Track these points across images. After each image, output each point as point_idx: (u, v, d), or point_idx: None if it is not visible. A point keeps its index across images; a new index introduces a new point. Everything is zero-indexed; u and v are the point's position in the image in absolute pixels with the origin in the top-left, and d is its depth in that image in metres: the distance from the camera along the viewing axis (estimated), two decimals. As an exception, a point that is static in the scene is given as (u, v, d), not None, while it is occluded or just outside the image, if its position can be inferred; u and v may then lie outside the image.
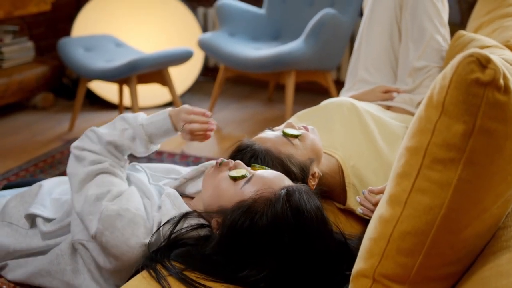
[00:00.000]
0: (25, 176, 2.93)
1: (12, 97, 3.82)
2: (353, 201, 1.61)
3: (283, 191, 1.24)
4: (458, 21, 3.81)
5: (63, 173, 2.99)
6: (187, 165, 3.07)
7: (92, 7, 4.18)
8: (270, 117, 3.98)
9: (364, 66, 2.32)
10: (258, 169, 1.37)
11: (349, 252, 1.29)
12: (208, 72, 4.61)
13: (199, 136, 1.50)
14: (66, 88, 4.34)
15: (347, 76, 2.43)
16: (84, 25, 4.16)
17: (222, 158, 1.39)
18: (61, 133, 3.65)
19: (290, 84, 3.51)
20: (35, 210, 1.52)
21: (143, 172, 1.56)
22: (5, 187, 1.98)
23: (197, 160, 3.18)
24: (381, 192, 1.42)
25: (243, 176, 1.31)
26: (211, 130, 1.49)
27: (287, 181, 1.33)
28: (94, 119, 3.92)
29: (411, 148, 0.99)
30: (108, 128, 1.46)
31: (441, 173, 0.94)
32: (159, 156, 3.25)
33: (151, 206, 1.38)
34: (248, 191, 1.28)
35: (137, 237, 1.29)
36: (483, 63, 0.89)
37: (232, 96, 4.43)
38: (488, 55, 0.90)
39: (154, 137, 1.46)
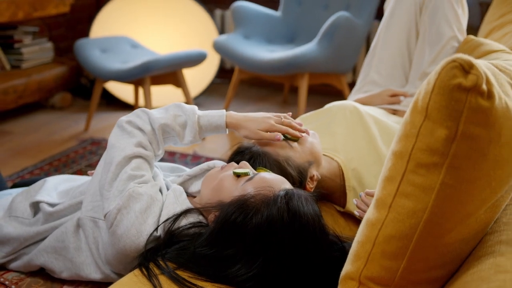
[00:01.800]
0: (40, 175, 2.98)
1: (31, 96, 3.89)
2: (353, 205, 1.62)
3: (282, 192, 1.25)
4: (478, 25, 3.78)
5: (77, 172, 3.04)
6: (199, 166, 3.10)
7: (111, 9, 4.24)
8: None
9: (376, 67, 2.32)
10: (262, 172, 1.39)
11: (343, 254, 1.29)
12: (224, 74, 4.64)
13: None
14: (84, 88, 4.40)
15: (360, 74, 2.43)
16: (103, 26, 4.22)
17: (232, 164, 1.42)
18: (77, 133, 3.70)
19: (303, 87, 3.52)
20: (40, 197, 1.55)
21: (157, 169, 1.58)
22: (14, 186, 2.02)
23: (209, 161, 3.19)
24: None
25: (246, 174, 1.33)
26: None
27: (288, 186, 1.33)
28: (110, 120, 3.97)
29: (397, 153, 0.99)
30: (160, 112, 1.48)
31: (424, 177, 0.94)
32: (171, 157, 3.28)
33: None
34: (248, 187, 1.29)
35: (148, 225, 1.29)
36: (466, 68, 0.90)
37: (247, 98, 4.45)
38: (472, 60, 0.90)
39: (204, 130, 1.48)
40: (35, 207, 1.57)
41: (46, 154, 3.32)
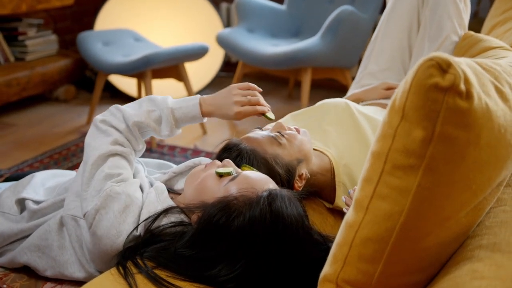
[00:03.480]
0: (39, 168, 2.98)
1: (34, 89, 3.89)
2: (342, 201, 1.59)
3: (265, 193, 1.22)
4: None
5: (77, 166, 3.03)
6: (199, 160, 3.08)
7: (117, 1, 4.23)
8: (288, 114, 3.95)
9: (375, 59, 2.29)
10: (247, 170, 1.36)
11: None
12: (229, 67, 4.61)
13: (259, 108, 1.53)
14: (88, 80, 4.39)
15: (360, 66, 2.40)
16: (108, 19, 4.21)
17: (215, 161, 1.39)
18: (79, 126, 3.70)
19: (306, 81, 3.49)
20: (25, 194, 1.54)
21: (140, 165, 1.56)
22: (6, 180, 2.01)
23: (208, 156, 3.18)
24: None
25: (229, 174, 1.30)
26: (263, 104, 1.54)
27: (272, 185, 1.30)
28: (113, 113, 3.96)
29: (375, 153, 0.97)
30: (134, 108, 1.46)
31: (401, 179, 0.92)
32: (171, 151, 3.27)
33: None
34: (231, 188, 1.26)
35: (128, 225, 1.28)
36: (444, 67, 0.86)
37: (252, 92, 4.42)
38: (450, 59, 0.87)
39: (180, 122, 1.47)
40: (21, 203, 1.56)
41: (47, 147, 3.32)
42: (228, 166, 1.34)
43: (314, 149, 1.64)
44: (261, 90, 1.56)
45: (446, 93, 0.86)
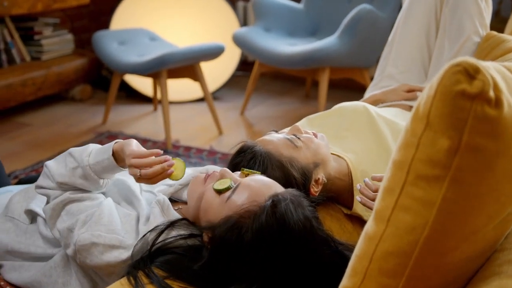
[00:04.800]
0: (54, 168, 2.96)
1: (50, 89, 3.88)
2: (360, 207, 1.55)
3: (268, 203, 1.18)
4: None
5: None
6: (214, 162, 3.05)
7: (132, 0, 4.20)
8: (305, 114, 3.86)
9: (394, 62, 2.23)
10: (247, 174, 1.32)
11: (346, 263, 1.22)
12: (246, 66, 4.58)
13: (158, 178, 1.31)
14: (105, 80, 4.38)
15: (377, 69, 2.34)
16: (124, 18, 4.19)
17: (214, 171, 1.33)
18: (95, 126, 3.68)
19: (323, 81, 3.43)
20: (35, 207, 1.51)
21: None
22: (20, 182, 1.99)
23: (224, 157, 3.14)
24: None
25: (228, 188, 1.25)
26: (171, 165, 1.31)
27: (275, 188, 1.26)
28: (129, 112, 3.94)
29: (397, 162, 0.92)
30: (60, 165, 1.37)
31: (424, 191, 0.87)
32: (187, 152, 3.24)
33: (136, 218, 1.33)
34: (234, 202, 1.22)
35: (117, 257, 1.25)
36: (471, 73, 0.81)
37: (269, 92, 4.38)
38: (478, 64, 0.82)
39: (105, 175, 1.36)
40: (32, 214, 1.53)
41: (62, 147, 3.30)
42: (226, 176, 1.29)
43: (331, 154, 1.59)
44: (161, 152, 1.32)
45: (474, 101, 0.80)
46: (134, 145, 1.32)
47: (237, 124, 3.77)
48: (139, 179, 1.29)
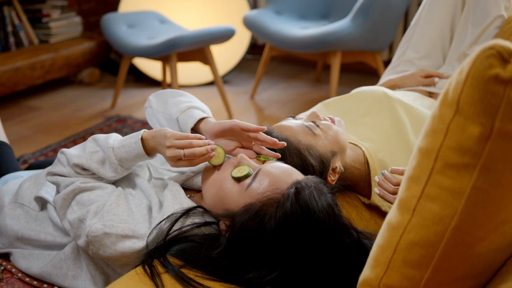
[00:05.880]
0: (63, 153, 2.93)
1: (58, 72, 3.84)
2: (378, 197, 1.51)
3: (292, 190, 1.15)
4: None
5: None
6: (225, 146, 3.01)
7: (141, -17, 4.15)
8: (316, 98, 3.85)
9: (415, 46, 2.18)
10: (264, 161, 1.28)
11: (365, 252, 1.20)
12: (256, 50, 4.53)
13: (200, 159, 1.29)
14: (113, 63, 4.34)
15: (396, 52, 2.29)
16: (132, 0, 4.13)
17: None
18: (103, 110, 3.65)
19: (335, 65, 3.38)
20: (45, 194, 1.49)
21: (145, 168, 1.49)
22: (30, 167, 1.97)
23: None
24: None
25: (247, 176, 1.22)
26: (213, 149, 1.28)
27: (295, 175, 1.23)
28: (138, 96, 3.91)
29: (423, 149, 0.88)
30: (79, 149, 1.36)
31: (453, 179, 0.83)
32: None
33: (148, 207, 1.31)
34: (254, 190, 1.19)
35: (130, 247, 1.23)
36: (505, 57, 0.78)
37: (279, 75, 4.34)
38: (512, 47, 0.78)
39: (125, 161, 1.33)
40: (42, 201, 1.51)
41: (71, 131, 3.27)
42: (243, 163, 1.26)
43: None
44: (203, 137, 1.31)
45: (507, 86, 0.77)
46: (171, 130, 1.31)
47: (247, 108, 3.73)
48: (178, 161, 1.28)
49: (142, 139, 1.31)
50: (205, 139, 1.30)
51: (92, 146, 1.35)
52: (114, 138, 1.35)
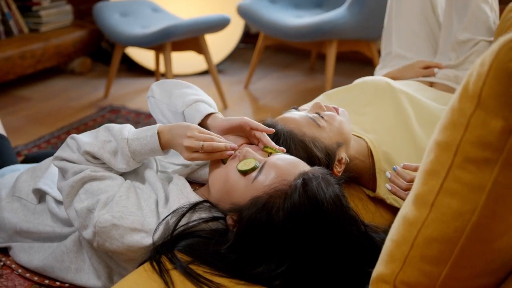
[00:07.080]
0: (57, 144, 2.90)
1: (49, 61, 3.79)
2: (383, 190, 1.49)
3: (299, 181, 1.14)
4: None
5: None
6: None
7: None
8: (311, 87, 3.83)
9: (397, 41, 2.18)
10: (270, 153, 1.26)
11: (373, 245, 1.18)
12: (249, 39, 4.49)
13: (216, 155, 1.27)
14: (104, 52, 4.29)
15: (382, 50, 2.28)
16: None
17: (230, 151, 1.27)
18: (96, 100, 3.61)
19: (331, 54, 3.36)
20: (43, 186, 1.46)
21: (152, 160, 1.46)
22: (26, 159, 1.94)
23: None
24: (418, 169, 1.29)
25: (253, 169, 1.20)
26: (233, 148, 1.27)
27: (302, 166, 1.21)
28: (131, 86, 3.86)
29: (442, 143, 0.86)
30: (90, 137, 1.32)
31: (473, 174, 0.81)
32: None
33: (156, 202, 1.28)
34: (261, 183, 1.17)
35: (138, 242, 1.20)
36: (530, 48, 0.75)
37: (273, 65, 4.31)
38: (536, 39, 0.76)
39: (138, 154, 1.30)
40: (40, 193, 1.48)
41: (64, 122, 3.23)
42: (249, 156, 1.24)
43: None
44: (228, 142, 1.29)
45: (532, 79, 0.75)
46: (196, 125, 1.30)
47: (241, 98, 3.70)
48: (194, 153, 1.25)
49: (157, 132, 1.29)
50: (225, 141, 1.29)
51: (105, 135, 1.31)
52: (129, 129, 1.32)
